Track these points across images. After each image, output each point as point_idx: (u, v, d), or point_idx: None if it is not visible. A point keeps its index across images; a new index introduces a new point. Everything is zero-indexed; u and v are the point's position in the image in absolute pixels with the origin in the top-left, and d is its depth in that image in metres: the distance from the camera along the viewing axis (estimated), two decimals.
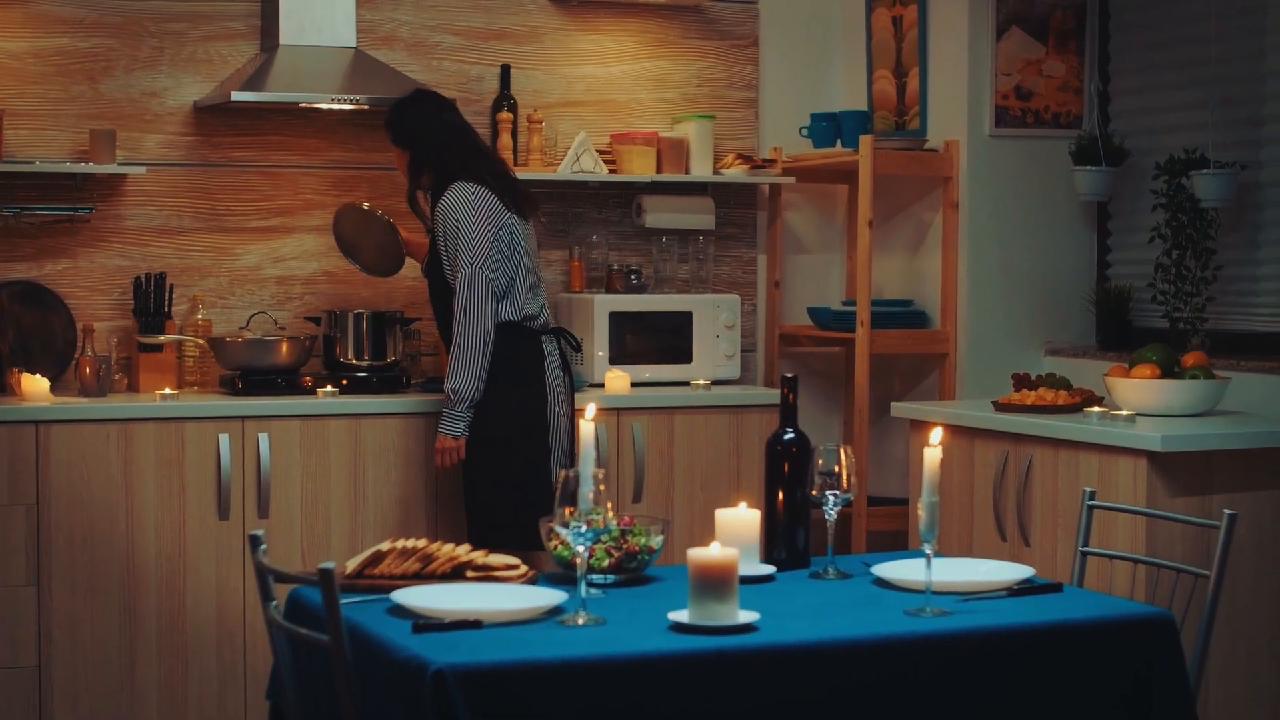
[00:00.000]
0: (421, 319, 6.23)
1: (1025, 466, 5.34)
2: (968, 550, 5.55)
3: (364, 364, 6.03)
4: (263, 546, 3.46)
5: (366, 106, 6.04)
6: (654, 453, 6.03)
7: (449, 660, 3.08)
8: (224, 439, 5.59)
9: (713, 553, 3.34)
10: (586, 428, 3.47)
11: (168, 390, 5.75)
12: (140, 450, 5.52)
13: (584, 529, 3.39)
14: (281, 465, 5.65)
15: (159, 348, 5.97)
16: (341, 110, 6.19)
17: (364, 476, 5.73)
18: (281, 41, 5.98)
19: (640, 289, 6.44)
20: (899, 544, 6.07)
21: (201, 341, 6.01)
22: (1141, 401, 5.31)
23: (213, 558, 5.58)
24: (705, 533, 3.80)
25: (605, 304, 6.24)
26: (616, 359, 6.21)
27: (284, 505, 5.66)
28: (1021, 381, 5.75)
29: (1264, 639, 5.08)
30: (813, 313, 6.61)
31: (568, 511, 3.40)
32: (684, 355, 6.30)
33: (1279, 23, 5.74)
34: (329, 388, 5.85)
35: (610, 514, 3.48)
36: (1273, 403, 5.48)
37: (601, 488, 3.42)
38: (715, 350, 6.34)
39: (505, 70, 6.42)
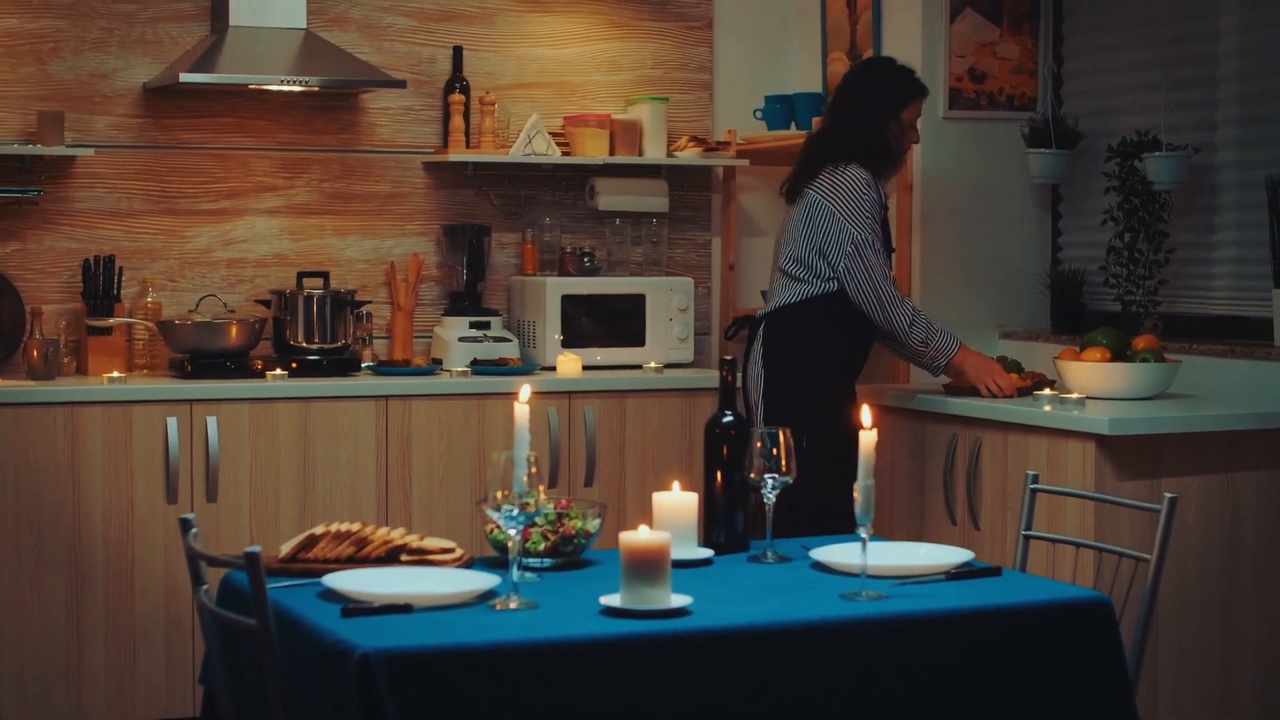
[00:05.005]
0: (373, 301, 6.22)
1: (974, 450, 5.33)
2: (918, 534, 5.54)
3: (314, 347, 6.00)
4: (193, 531, 3.43)
5: (317, 88, 6.01)
6: (606, 436, 6.01)
7: (375, 645, 3.05)
8: (172, 422, 5.56)
9: (643, 536, 3.32)
10: (520, 410, 3.45)
11: (116, 373, 5.72)
12: (88, 434, 5.49)
13: (516, 512, 3.37)
14: (230, 449, 5.62)
15: (108, 331, 5.93)
16: (292, 92, 6.15)
17: (313, 460, 5.70)
18: (231, 23, 5.94)
19: (593, 272, 6.42)
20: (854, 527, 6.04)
21: (151, 324, 5.97)
22: (1092, 385, 5.30)
23: (161, 542, 5.55)
24: None
25: (557, 287, 6.22)
26: (568, 342, 6.19)
27: (232, 489, 5.63)
28: None
29: (1212, 622, 5.07)
30: (767, 296, 6.58)
31: (500, 495, 3.37)
32: (636, 338, 6.27)
33: (1233, 4, 5.73)
34: (278, 371, 5.82)
35: (543, 497, 3.45)
36: (1224, 386, 5.47)
37: (534, 470, 3.39)
38: (668, 333, 6.32)
39: (457, 52, 6.38)
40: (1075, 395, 5.25)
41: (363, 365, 6.11)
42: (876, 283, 5.30)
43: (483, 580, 3.48)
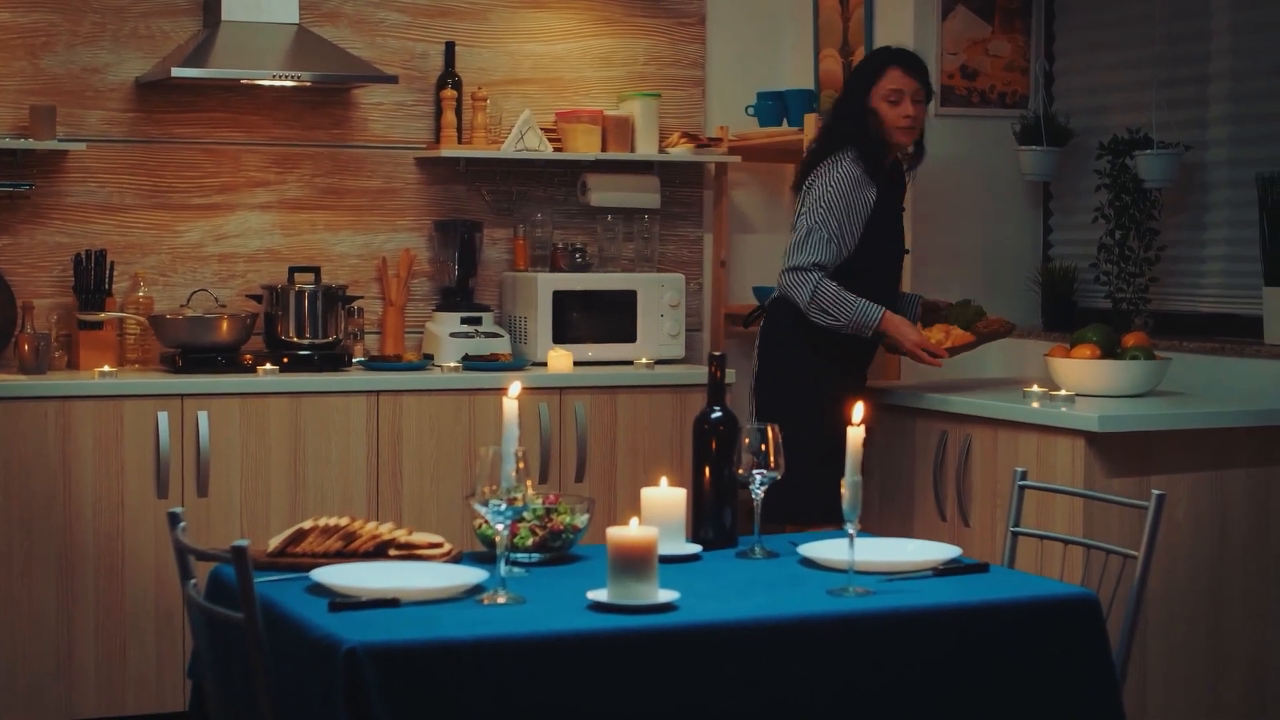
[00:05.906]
0: (364, 296, 6.22)
1: (964, 446, 5.34)
2: (908, 530, 5.54)
3: (305, 342, 6.00)
4: (182, 525, 3.44)
5: (309, 84, 6.01)
6: (597, 432, 6.01)
7: (362, 639, 3.05)
8: (163, 417, 5.56)
9: (631, 531, 3.33)
10: (509, 405, 3.45)
11: (107, 368, 5.72)
12: (79, 428, 5.49)
13: (504, 507, 3.37)
14: (221, 444, 5.62)
15: (99, 325, 5.93)
16: (284, 87, 6.15)
17: (304, 455, 5.70)
18: (224, 17, 5.95)
19: (585, 268, 6.42)
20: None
21: (142, 319, 5.98)
22: (1081, 382, 5.30)
23: (151, 536, 5.55)
24: None
25: (549, 283, 6.22)
26: (560, 338, 6.19)
27: (223, 484, 5.63)
28: (930, 310, 5.65)
29: (1200, 620, 5.08)
30: (759, 292, 6.58)
31: (488, 489, 3.38)
32: (628, 334, 6.28)
33: (1224, 3, 5.74)
34: (269, 365, 5.83)
35: (532, 492, 3.46)
36: (1214, 384, 5.48)
37: (522, 465, 3.40)
38: (659, 330, 6.32)
39: (450, 47, 6.39)
40: (1065, 392, 5.25)
41: (354, 360, 6.11)
42: (786, 270, 5.31)
43: (471, 575, 3.48)
